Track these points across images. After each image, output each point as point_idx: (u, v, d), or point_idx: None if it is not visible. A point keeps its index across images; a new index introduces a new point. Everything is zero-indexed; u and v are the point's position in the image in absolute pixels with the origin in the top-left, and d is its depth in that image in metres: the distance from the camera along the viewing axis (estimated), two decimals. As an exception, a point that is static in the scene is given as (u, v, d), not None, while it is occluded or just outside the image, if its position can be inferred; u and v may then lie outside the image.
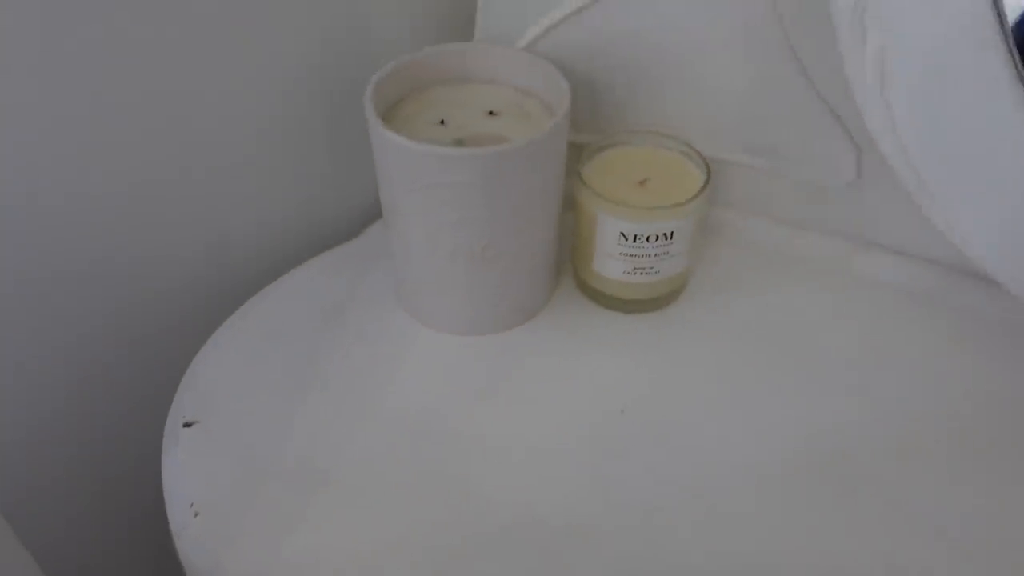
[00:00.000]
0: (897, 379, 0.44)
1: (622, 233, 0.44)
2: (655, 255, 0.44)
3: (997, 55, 0.35)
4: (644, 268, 0.45)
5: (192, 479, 0.41)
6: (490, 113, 0.45)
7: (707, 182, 0.44)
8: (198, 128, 0.43)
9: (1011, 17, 0.36)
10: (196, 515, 0.39)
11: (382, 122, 0.40)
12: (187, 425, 0.43)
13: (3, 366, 0.42)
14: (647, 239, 0.43)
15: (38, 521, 0.46)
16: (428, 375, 0.45)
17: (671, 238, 0.44)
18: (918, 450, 0.41)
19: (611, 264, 0.45)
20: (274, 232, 0.50)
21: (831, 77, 0.42)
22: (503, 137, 0.43)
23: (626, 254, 0.44)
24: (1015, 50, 0.36)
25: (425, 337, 0.47)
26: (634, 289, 0.46)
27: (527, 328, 0.47)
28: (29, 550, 0.33)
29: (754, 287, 0.49)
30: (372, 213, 0.53)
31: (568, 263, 0.49)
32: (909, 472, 0.40)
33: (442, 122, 0.44)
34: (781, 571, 0.37)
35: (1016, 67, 0.36)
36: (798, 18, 0.42)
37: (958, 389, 0.44)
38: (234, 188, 0.47)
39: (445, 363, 0.45)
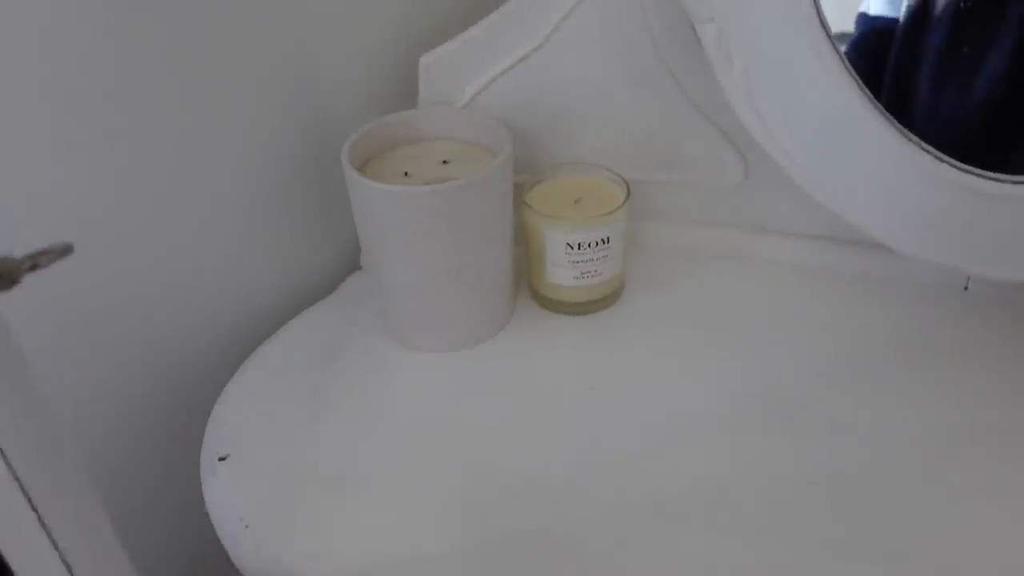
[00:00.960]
0: (807, 333, 0.54)
1: (567, 243, 0.53)
2: (596, 259, 0.54)
3: (832, 61, 0.47)
4: (589, 272, 0.54)
5: (235, 500, 0.47)
6: (444, 162, 0.54)
7: (628, 195, 0.54)
8: (205, 216, 0.51)
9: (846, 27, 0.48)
10: (247, 527, 0.45)
11: (361, 176, 0.49)
12: (221, 459, 0.49)
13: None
14: (588, 245, 0.53)
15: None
16: (423, 388, 0.52)
17: (608, 242, 0.53)
18: (832, 382, 0.51)
19: (561, 272, 0.54)
20: (268, 293, 0.57)
21: (713, 101, 0.53)
22: (458, 179, 0.52)
23: (572, 261, 0.53)
24: (845, 58, 0.48)
25: (414, 359, 0.54)
26: (582, 292, 0.55)
27: (500, 338, 0.55)
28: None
29: (678, 279, 0.59)
30: (346, 270, 0.61)
31: (523, 282, 0.58)
32: (829, 399, 0.50)
33: (406, 174, 0.53)
34: (741, 490, 0.45)
35: (848, 69, 0.48)
36: (678, 58, 0.53)
37: (854, 334, 0.54)
38: (234, 258, 0.54)
39: (436, 376, 0.53)
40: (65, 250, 0.28)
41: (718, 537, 0.43)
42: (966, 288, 0.56)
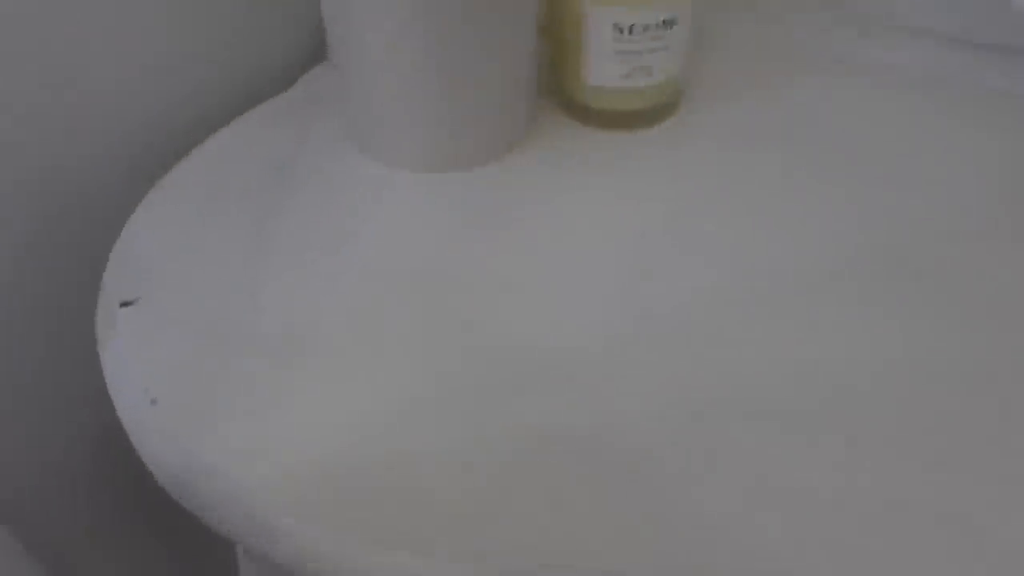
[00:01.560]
0: (932, 165, 0.40)
1: (615, 26, 0.37)
2: (652, 50, 0.38)
3: None
4: (641, 67, 0.39)
5: (141, 363, 0.33)
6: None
7: (703, -40, 0.38)
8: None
9: None
10: (153, 402, 0.32)
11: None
12: (125, 304, 0.35)
13: None
14: (643, 29, 0.37)
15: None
16: (406, 219, 0.38)
17: (670, 27, 0.38)
18: (966, 231, 0.37)
19: (605, 68, 0.39)
20: (203, 91, 0.42)
21: None
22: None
23: (621, 51, 0.38)
24: None
25: (394, 179, 0.40)
26: (630, 98, 0.40)
27: (513, 157, 0.41)
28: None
29: (758, 89, 0.44)
30: (306, 60, 0.46)
31: (546, 91, 0.43)
32: (963, 252, 0.36)
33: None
34: (843, 377, 0.32)
35: None
36: None
37: (995, 167, 0.40)
38: (155, 45, 0.39)
39: (422, 204, 0.39)
40: None
41: (798, 438, 0.30)
42: None
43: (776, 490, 0.28)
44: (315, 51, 0.44)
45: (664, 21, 0.38)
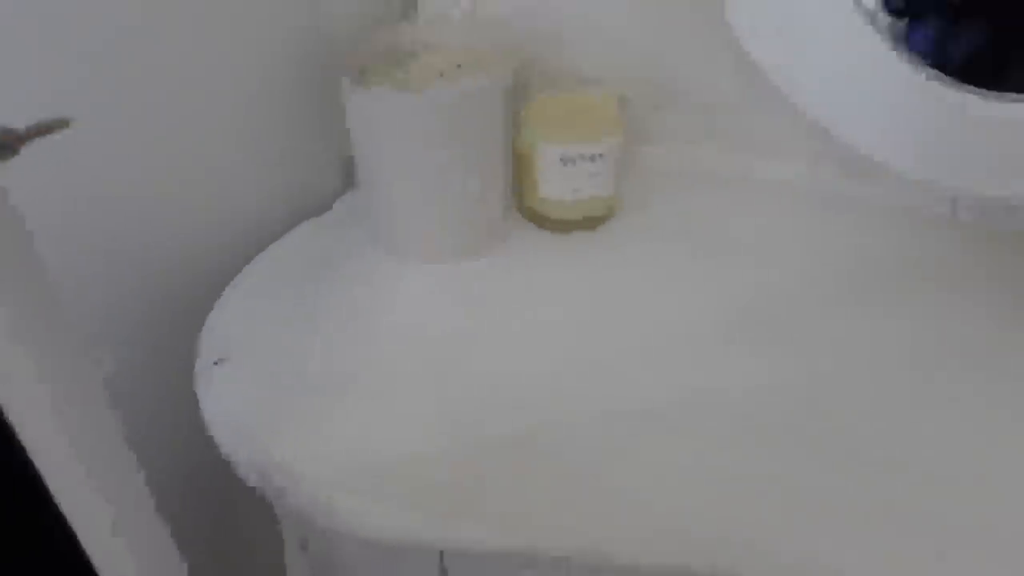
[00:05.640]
0: (800, 252, 0.55)
1: (560, 159, 0.53)
2: (589, 175, 0.54)
3: None
4: (581, 188, 0.54)
5: (229, 402, 0.47)
6: (443, 75, 0.54)
7: (624, 108, 0.54)
8: (204, 128, 0.52)
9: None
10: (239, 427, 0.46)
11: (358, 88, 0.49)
12: (217, 363, 0.49)
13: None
14: (581, 159, 0.53)
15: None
16: (421, 296, 0.53)
17: (601, 159, 0.54)
18: (822, 292, 0.52)
19: (554, 187, 0.55)
20: (267, 207, 0.58)
21: (713, 16, 0.53)
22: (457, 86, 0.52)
23: (566, 175, 0.54)
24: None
25: (410, 269, 0.55)
26: (574, 209, 0.56)
27: (497, 251, 0.56)
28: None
29: (672, 202, 0.59)
30: (343, 187, 0.61)
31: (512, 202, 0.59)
32: (813, 315, 0.51)
33: (405, 84, 0.53)
34: (725, 399, 0.46)
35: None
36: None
37: (842, 255, 0.55)
38: (234, 170, 0.55)
39: (432, 284, 0.54)
40: (62, 124, 0.29)
41: (702, 443, 0.44)
42: (953, 214, 0.57)
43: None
44: (347, 180, 0.60)
45: (600, 154, 0.53)
